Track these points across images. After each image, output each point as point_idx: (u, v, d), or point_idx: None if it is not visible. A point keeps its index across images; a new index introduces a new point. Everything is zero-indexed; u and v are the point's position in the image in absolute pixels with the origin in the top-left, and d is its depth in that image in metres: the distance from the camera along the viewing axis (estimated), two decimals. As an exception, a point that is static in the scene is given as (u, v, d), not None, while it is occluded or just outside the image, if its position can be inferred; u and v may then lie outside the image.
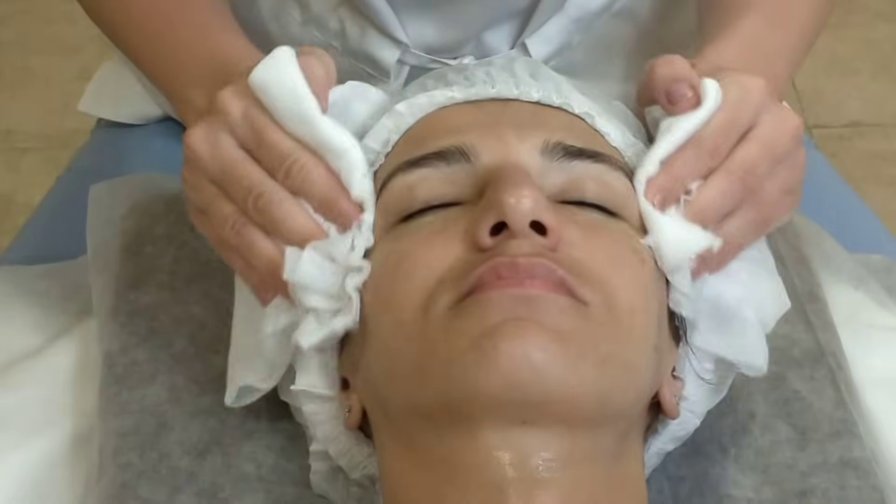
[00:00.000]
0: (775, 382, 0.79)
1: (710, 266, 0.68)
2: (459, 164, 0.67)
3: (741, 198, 0.68)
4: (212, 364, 0.78)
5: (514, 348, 0.59)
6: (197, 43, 0.79)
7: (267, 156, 0.67)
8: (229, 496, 0.72)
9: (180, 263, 0.84)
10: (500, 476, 0.60)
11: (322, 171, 0.66)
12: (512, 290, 0.61)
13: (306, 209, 0.66)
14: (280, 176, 0.66)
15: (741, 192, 0.67)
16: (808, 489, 0.73)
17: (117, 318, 0.80)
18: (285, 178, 0.66)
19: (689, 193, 0.67)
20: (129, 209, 0.87)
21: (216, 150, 0.67)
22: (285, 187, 0.66)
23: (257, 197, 0.66)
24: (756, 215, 0.69)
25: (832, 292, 0.86)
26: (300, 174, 0.66)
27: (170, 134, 1.02)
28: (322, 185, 0.66)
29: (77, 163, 1.06)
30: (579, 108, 0.73)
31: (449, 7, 0.90)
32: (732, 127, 0.67)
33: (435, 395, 0.61)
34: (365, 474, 0.70)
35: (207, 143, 0.67)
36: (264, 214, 0.66)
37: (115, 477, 0.72)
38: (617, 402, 0.63)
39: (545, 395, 0.60)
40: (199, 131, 0.68)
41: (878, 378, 0.81)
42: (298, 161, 0.66)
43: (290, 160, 0.66)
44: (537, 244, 0.62)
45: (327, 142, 0.66)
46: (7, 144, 2.00)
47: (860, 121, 2.02)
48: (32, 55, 2.08)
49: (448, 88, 0.72)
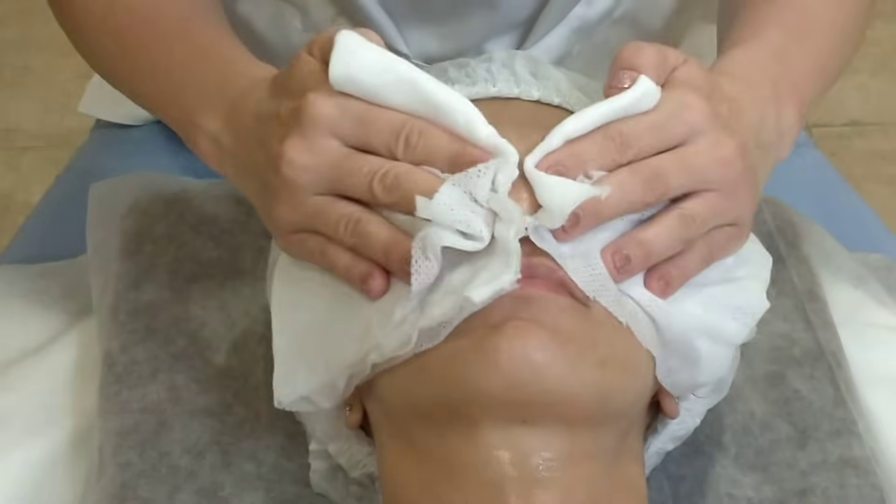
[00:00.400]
0: (775, 381, 0.79)
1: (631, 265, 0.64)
2: None
3: (645, 199, 0.63)
4: (212, 363, 0.78)
5: (514, 348, 0.59)
6: (199, 65, 0.75)
7: (379, 137, 0.63)
8: (229, 495, 0.72)
9: (180, 263, 0.84)
10: (499, 475, 0.60)
11: (441, 130, 0.63)
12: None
13: (437, 175, 0.63)
14: (400, 149, 0.63)
15: (643, 194, 0.63)
16: (808, 488, 0.73)
17: (117, 317, 0.80)
18: (405, 150, 0.63)
19: (590, 178, 0.62)
20: (128, 208, 0.87)
21: (322, 155, 0.63)
22: (406, 160, 0.63)
23: (384, 175, 0.62)
24: (684, 232, 0.64)
25: (832, 291, 0.86)
26: (421, 139, 0.62)
27: (169, 134, 1.02)
28: (446, 142, 0.62)
29: (76, 162, 1.06)
30: (579, 108, 0.73)
31: (450, 19, 0.89)
32: (652, 132, 0.63)
33: (435, 395, 0.61)
34: (365, 473, 0.70)
35: (313, 152, 0.63)
36: (395, 190, 0.62)
37: (115, 476, 0.72)
38: (617, 401, 0.63)
39: (545, 394, 0.60)
40: (296, 144, 0.63)
41: (878, 377, 0.81)
42: (415, 128, 0.63)
43: (405, 130, 0.63)
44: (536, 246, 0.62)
45: (435, 98, 0.63)
46: (7, 143, 2.00)
47: (860, 119, 2.02)
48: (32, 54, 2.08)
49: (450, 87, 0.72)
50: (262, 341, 0.79)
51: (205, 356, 0.79)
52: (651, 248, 0.64)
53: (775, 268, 0.74)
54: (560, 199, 0.61)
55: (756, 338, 0.73)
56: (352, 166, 0.63)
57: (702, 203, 0.64)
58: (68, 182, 1.03)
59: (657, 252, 0.64)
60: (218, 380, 0.78)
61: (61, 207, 1.00)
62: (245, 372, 0.78)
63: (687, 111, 0.64)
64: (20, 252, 0.96)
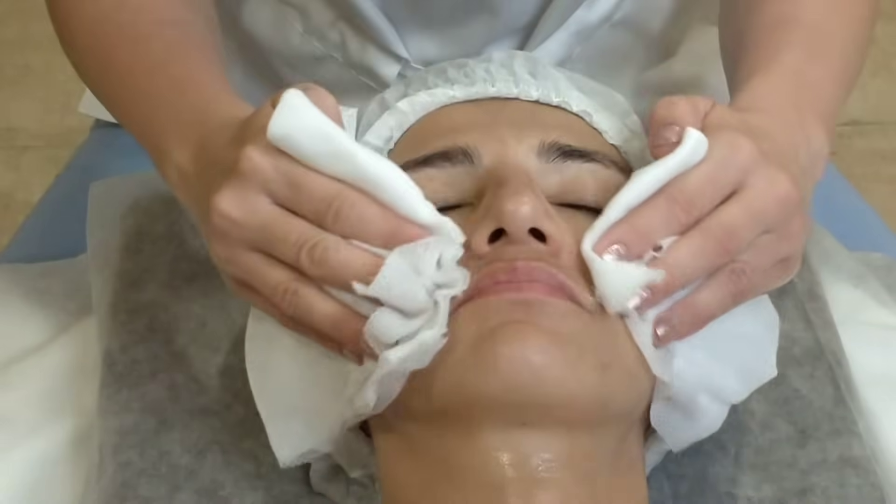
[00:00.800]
0: (775, 381, 0.78)
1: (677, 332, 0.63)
2: (463, 164, 0.67)
3: (717, 263, 0.61)
4: (211, 362, 0.78)
5: (513, 351, 0.59)
6: (180, 97, 0.72)
7: (310, 205, 0.60)
8: (229, 494, 0.72)
9: (180, 262, 0.84)
10: (499, 476, 0.60)
11: (375, 205, 0.60)
12: (510, 294, 0.61)
13: (368, 249, 0.60)
14: (329, 221, 0.60)
15: (718, 256, 0.61)
16: (808, 487, 0.73)
17: (117, 317, 0.80)
18: (335, 222, 0.60)
19: (659, 251, 0.60)
20: (128, 208, 0.87)
21: (253, 213, 0.61)
22: (336, 233, 0.60)
23: (312, 248, 0.59)
24: (734, 288, 0.62)
25: (832, 290, 0.86)
26: (353, 212, 0.59)
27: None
28: (380, 218, 0.59)
29: (76, 161, 1.06)
30: (577, 107, 0.73)
31: (450, 25, 0.89)
32: (713, 184, 0.61)
33: (435, 398, 0.61)
34: (365, 473, 0.70)
35: (241, 208, 0.61)
36: (323, 265, 0.59)
37: (115, 475, 0.72)
38: (617, 403, 0.62)
39: (545, 397, 0.60)
40: (228, 197, 0.61)
41: (878, 376, 0.81)
42: (347, 199, 0.60)
43: (337, 201, 0.59)
44: (536, 249, 0.62)
45: (373, 174, 0.59)
46: (7, 142, 2.00)
47: (860, 119, 2.02)
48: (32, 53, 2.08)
49: (449, 87, 0.72)
50: (262, 340, 0.79)
51: (205, 355, 0.79)
52: (699, 312, 0.62)
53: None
54: (617, 288, 0.60)
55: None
56: (280, 233, 0.61)
57: (757, 252, 0.63)
58: (68, 181, 1.03)
59: (706, 314, 0.63)
60: (218, 379, 0.78)
61: (61, 207, 1.00)
62: (245, 371, 0.78)
63: (738, 154, 0.62)
64: (20, 251, 0.96)
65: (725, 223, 0.61)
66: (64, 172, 1.05)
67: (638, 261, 0.60)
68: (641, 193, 0.61)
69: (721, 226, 0.61)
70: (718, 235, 0.61)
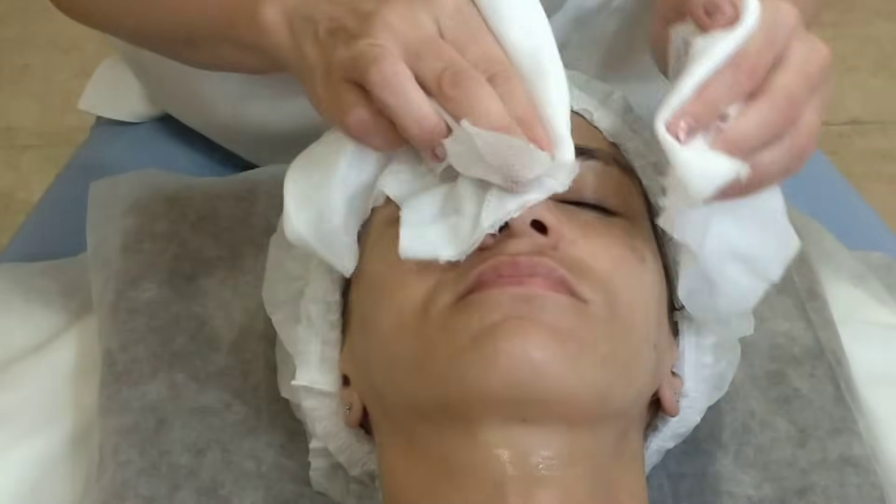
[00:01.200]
0: (775, 380, 0.79)
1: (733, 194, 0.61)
2: None
3: (782, 127, 0.61)
4: (212, 361, 0.78)
5: (513, 347, 0.59)
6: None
7: (472, 56, 0.61)
8: (229, 493, 0.72)
9: (180, 261, 0.84)
10: (499, 474, 0.60)
11: (525, 90, 0.61)
12: (512, 288, 0.61)
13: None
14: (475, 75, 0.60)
15: (782, 122, 0.61)
16: (808, 486, 0.73)
17: (117, 316, 0.80)
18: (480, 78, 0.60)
19: (725, 120, 0.59)
20: (129, 206, 0.87)
21: (416, 28, 0.61)
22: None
23: (455, 73, 0.60)
24: (794, 148, 0.62)
25: (832, 290, 0.86)
26: (505, 84, 0.60)
27: (170, 131, 1.03)
28: (524, 103, 0.60)
29: (77, 160, 1.06)
30: (577, 105, 0.73)
31: None
32: (769, 48, 0.61)
33: (434, 394, 0.61)
34: (365, 471, 0.70)
35: (407, 19, 0.61)
36: (459, 88, 0.59)
37: (116, 474, 0.72)
38: (617, 399, 0.63)
39: (545, 393, 0.60)
40: (399, 7, 0.61)
41: (878, 375, 0.81)
42: (507, 72, 0.61)
43: (498, 67, 0.60)
44: (538, 243, 0.62)
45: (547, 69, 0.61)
46: (7, 142, 2.00)
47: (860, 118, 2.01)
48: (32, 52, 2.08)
49: None
50: (262, 339, 0.79)
51: (205, 354, 0.79)
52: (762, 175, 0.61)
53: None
54: (700, 181, 0.58)
55: (756, 336, 0.73)
56: (436, 47, 0.61)
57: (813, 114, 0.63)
58: (68, 180, 1.03)
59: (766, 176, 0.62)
60: (218, 378, 0.78)
61: (61, 206, 1.00)
62: (245, 370, 0.78)
63: (784, 16, 0.62)
64: (20, 250, 0.96)
65: (788, 88, 0.61)
66: (64, 172, 1.05)
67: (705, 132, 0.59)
68: (713, 67, 0.60)
69: (783, 90, 0.61)
70: (783, 101, 0.61)
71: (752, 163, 0.60)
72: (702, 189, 0.58)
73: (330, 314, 0.69)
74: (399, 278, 0.64)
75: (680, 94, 0.59)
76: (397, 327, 0.63)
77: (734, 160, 0.59)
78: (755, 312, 0.74)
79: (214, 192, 0.88)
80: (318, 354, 0.69)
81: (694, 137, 0.59)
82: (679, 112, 0.59)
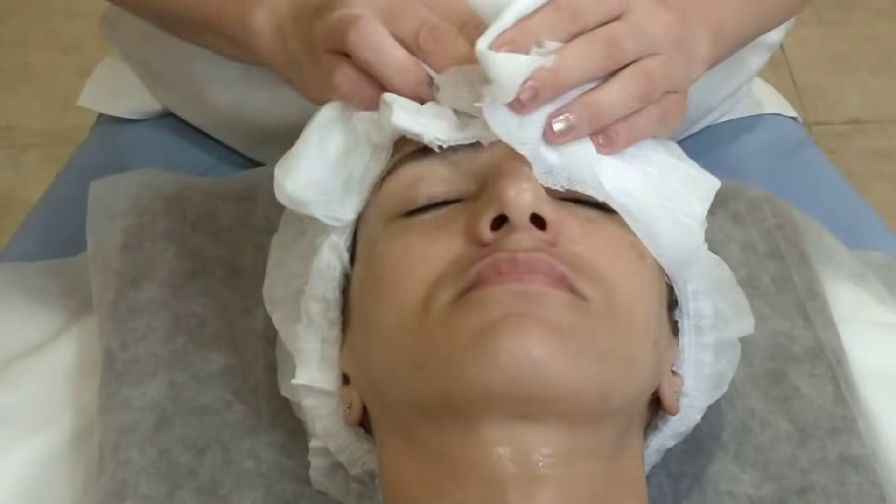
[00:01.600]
0: (775, 379, 0.79)
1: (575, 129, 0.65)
2: (465, 151, 0.67)
3: (603, 66, 0.65)
4: (212, 361, 0.78)
5: (514, 344, 0.59)
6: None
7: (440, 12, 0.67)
8: (229, 493, 0.72)
9: (180, 260, 0.84)
10: (499, 471, 0.60)
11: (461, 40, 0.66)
12: (512, 285, 0.61)
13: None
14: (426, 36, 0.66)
15: (603, 59, 0.65)
16: (808, 486, 0.73)
17: (117, 315, 0.80)
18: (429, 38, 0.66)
19: (542, 47, 0.64)
20: (129, 206, 0.87)
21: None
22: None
23: (431, 28, 0.66)
24: (637, 87, 0.66)
25: (832, 289, 0.86)
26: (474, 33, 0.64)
27: (170, 129, 1.02)
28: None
29: (77, 159, 1.06)
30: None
31: None
32: (599, 2, 0.65)
33: (435, 391, 0.61)
34: (365, 470, 0.70)
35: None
36: (436, 42, 0.66)
37: (115, 473, 0.72)
38: (617, 397, 0.63)
39: (546, 390, 0.60)
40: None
41: (878, 375, 0.81)
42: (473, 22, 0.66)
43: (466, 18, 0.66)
44: (537, 239, 0.62)
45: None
46: (7, 141, 2.00)
47: (860, 117, 2.02)
48: (32, 52, 2.08)
49: None
50: (262, 339, 0.79)
51: (205, 354, 0.79)
52: (599, 109, 0.65)
53: (776, 265, 0.74)
54: (510, 70, 0.62)
55: (756, 335, 0.73)
56: (409, 9, 0.66)
57: (654, 62, 0.66)
58: (69, 179, 1.03)
59: (606, 112, 0.65)
60: (218, 377, 0.78)
61: (62, 205, 1.00)
62: (245, 370, 0.78)
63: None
64: (20, 250, 0.96)
65: (608, 32, 0.65)
66: (64, 171, 1.05)
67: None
68: (530, 4, 0.64)
69: (603, 33, 0.65)
70: (602, 40, 0.65)
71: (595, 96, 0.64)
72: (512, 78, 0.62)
73: (329, 312, 0.69)
74: (399, 276, 0.64)
75: (498, 23, 0.63)
76: (397, 325, 0.63)
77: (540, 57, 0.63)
78: (755, 311, 0.74)
79: (214, 192, 0.88)
80: (318, 353, 0.69)
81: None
82: (500, 39, 0.63)
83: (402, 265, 0.64)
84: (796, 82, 2.01)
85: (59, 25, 2.09)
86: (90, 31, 0.94)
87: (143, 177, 0.90)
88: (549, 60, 0.63)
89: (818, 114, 2.00)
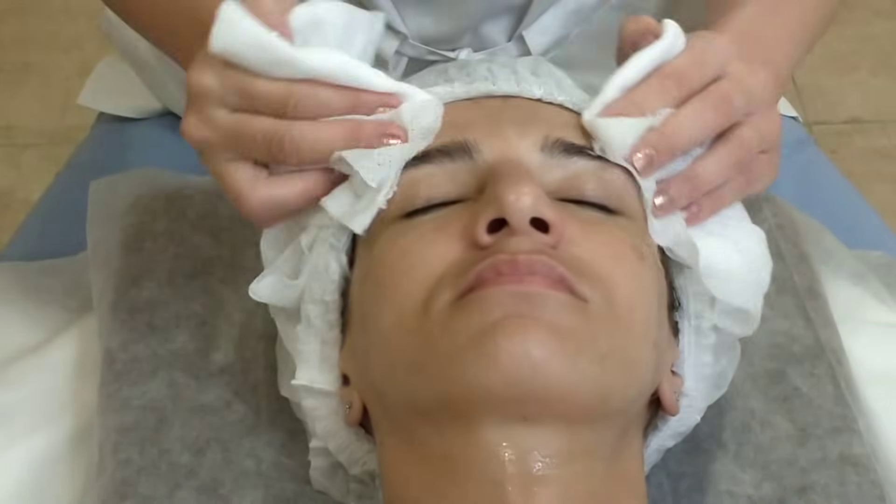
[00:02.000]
0: (775, 379, 0.79)
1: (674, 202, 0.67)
2: (463, 160, 0.67)
3: (713, 125, 0.66)
4: (212, 360, 0.78)
5: (514, 345, 0.59)
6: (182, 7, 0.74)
7: (267, 108, 0.64)
8: (229, 492, 0.72)
9: (180, 260, 0.84)
10: (499, 472, 0.60)
11: (329, 89, 0.64)
12: (512, 286, 0.61)
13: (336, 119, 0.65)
14: (290, 115, 0.64)
15: (714, 120, 0.66)
16: (808, 485, 0.73)
17: (117, 315, 0.80)
18: (296, 115, 0.64)
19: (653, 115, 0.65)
20: (129, 205, 0.87)
21: (215, 127, 0.65)
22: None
23: (280, 141, 0.64)
24: (734, 158, 0.67)
25: (832, 289, 0.86)
26: (310, 101, 0.64)
27: (170, 128, 1.02)
28: (338, 97, 0.64)
29: (77, 158, 1.06)
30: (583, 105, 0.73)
31: (447, 0, 0.90)
32: (699, 66, 0.66)
33: (435, 392, 0.61)
34: (365, 470, 0.70)
35: (203, 125, 0.65)
36: (285, 147, 0.64)
37: (115, 473, 0.72)
38: (617, 398, 0.63)
39: (545, 391, 0.60)
40: (189, 120, 0.66)
41: (878, 374, 0.81)
42: (301, 93, 0.64)
43: (293, 98, 0.64)
44: (537, 241, 0.62)
45: (318, 68, 0.64)
46: (7, 140, 2.00)
47: (860, 117, 2.02)
48: (32, 51, 2.08)
49: (449, 84, 0.72)
50: (262, 338, 0.79)
51: (205, 353, 0.79)
52: (698, 183, 0.66)
53: (776, 265, 0.74)
54: (620, 134, 0.64)
55: (756, 335, 0.73)
56: (247, 133, 0.64)
57: (749, 127, 0.67)
58: (68, 179, 1.03)
59: (703, 185, 0.66)
60: (218, 377, 0.78)
61: (61, 205, 1.00)
62: (245, 369, 0.78)
63: (716, 43, 0.68)
64: (20, 249, 0.96)
65: (719, 89, 0.66)
66: (64, 170, 1.05)
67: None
68: (635, 74, 0.66)
69: (715, 92, 0.66)
70: (713, 99, 0.66)
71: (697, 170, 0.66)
72: (622, 143, 0.64)
73: (329, 314, 0.69)
74: (399, 277, 0.64)
75: (603, 96, 0.66)
76: (397, 326, 0.63)
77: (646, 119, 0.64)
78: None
79: (214, 191, 0.88)
80: (318, 354, 0.69)
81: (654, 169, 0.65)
82: (607, 111, 0.65)
83: (401, 266, 0.64)
84: (796, 82, 2.01)
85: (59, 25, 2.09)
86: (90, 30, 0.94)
87: (143, 176, 0.90)
88: (656, 120, 0.64)
89: (818, 113, 2.00)
